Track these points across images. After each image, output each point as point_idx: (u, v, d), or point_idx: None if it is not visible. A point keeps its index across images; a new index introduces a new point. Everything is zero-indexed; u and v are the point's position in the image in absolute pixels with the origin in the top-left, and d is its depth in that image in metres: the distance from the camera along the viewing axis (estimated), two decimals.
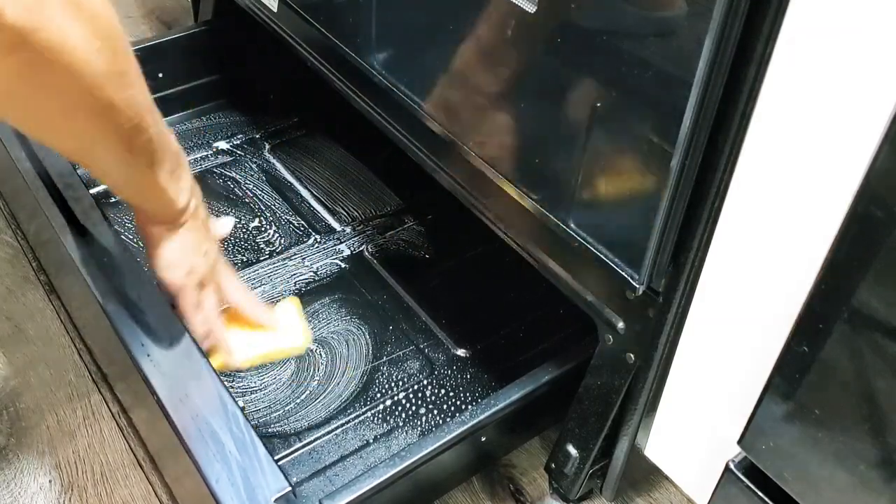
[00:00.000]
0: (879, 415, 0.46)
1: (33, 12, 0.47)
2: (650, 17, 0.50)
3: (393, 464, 0.66)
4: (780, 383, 0.51)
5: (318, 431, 0.77)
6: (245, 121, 1.12)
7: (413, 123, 0.74)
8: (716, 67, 0.47)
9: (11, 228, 1.02)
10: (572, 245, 0.61)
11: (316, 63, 0.86)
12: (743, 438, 0.55)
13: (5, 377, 0.86)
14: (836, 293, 0.46)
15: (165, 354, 0.67)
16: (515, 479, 0.81)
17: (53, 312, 0.93)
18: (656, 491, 0.81)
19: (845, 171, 0.43)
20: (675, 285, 0.58)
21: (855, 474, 0.49)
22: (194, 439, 0.62)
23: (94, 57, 0.51)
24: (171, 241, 0.71)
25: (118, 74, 0.54)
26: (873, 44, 0.40)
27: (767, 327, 0.52)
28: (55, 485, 0.78)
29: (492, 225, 0.72)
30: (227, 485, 0.60)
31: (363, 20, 0.75)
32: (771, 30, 0.45)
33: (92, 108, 0.54)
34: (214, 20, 1.12)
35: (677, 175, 0.51)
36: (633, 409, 0.67)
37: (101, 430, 0.83)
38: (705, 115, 0.49)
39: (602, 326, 0.66)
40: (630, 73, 0.52)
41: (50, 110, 0.54)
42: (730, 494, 0.58)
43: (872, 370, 0.46)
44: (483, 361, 0.84)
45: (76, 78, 0.51)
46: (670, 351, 0.61)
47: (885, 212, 0.42)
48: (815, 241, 0.46)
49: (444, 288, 0.91)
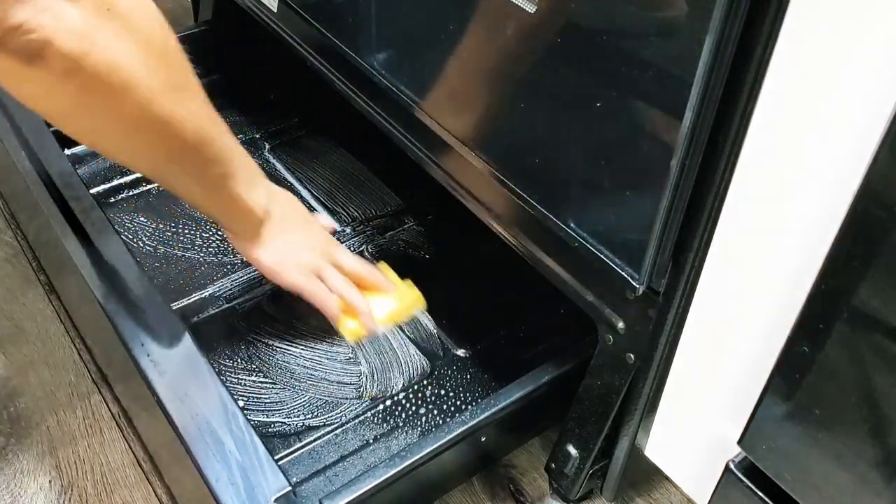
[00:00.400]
0: (879, 415, 0.46)
1: (82, 39, 0.49)
2: (650, 17, 0.50)
3: (393, 464, 0.66)
4: (780, 383, 0.51)
5: (318, 431, 0.77)
6: (245, 121, 1.12)
7: (413, 123, 0.74)
8: (716, 67, 0.47)
9: (11, 228, 1.02)
10: (572, 245, 0.61)
11: (316, 63, 0.86)
12: (743, 438, 0.55)
13: (5, 377, 0.86)
14: (836, 293, 0.46)
15: (165, 354, 0.67)
16: (515, 479, 0.81)
17: (53, 312, 0.93)
18: (656, 491, 0.81)
19: (845, 171, 0.43)
20: (675, 285, 0.58)
21: (855, 474, 0.49)
22: (194, 439, 0.62)
23: (148, 75, 0.53)
24: (265, 251, 0.73)
25: (175, 89, 0.56)
26: (873, 43, 0.40)
27: (767, 327, 0.52)
28: (55, 485, 0.78)
29: (492, 225, 0.72)
30: (227, 484, 0.60)
31: (363, 20, 0.75)
32: (771, 30, 0.45)
33: (153, 125, 0.56)
34: (214, 20, 1.12)
35: (677, 175, 0.51)
36: (633, 409, 0.67)
37: (101, 431, 0.83)
38: (705, 115, 0.49)
39: (602, 326, 0.66)
40: (630, 73, 0.52)
41: (114, 130, 0.56)
42: (730, 494, 0.58)
43: (872, 370, 0.46)
44: (483, 361, 0.84)
45: (131, 96, 0.53)
46: (670, 351, 0.61)
47: (885, 212, 0.42)
48: (815, 241, 0.46)
49: (444, 288, 0.91)
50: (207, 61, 1.11)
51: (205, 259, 0.92)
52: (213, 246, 0.94)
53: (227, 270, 0.91)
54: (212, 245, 0.94)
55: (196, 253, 0.93)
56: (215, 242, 0.94)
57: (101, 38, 0.50)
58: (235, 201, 0.68)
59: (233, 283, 0.90)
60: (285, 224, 0.74)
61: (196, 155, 0.61)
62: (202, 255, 0.93)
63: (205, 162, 0.62)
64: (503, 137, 0.66)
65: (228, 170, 0.65)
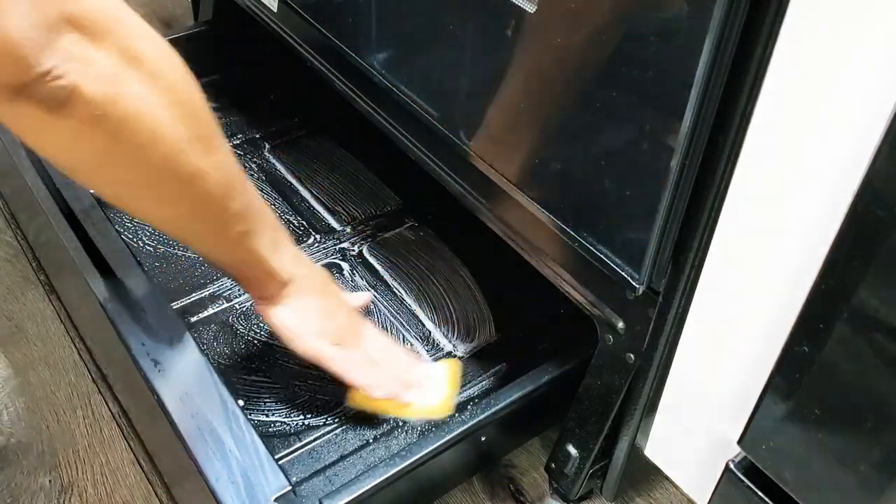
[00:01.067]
0: (879, 415, 0.46)
1: (109, 85, 0.48)
2: (650, 17, 0.50)
3: (393, 464, 0.66)
4: (780, 383, 0.51)
5: (318, 431, 0.77)
6: (245, 121, 1.12)
7: (413, 123, 0.74)
8: (716, 67, 0.47)
9: (11, 228, 1.02)
10: (572, 245, 0.62)
11: (316, 63, 0.86)
12: (743, 438, 0.55)
13: (5, 377, 0.86)
14: (836, 293, 0.46)
15: (165, 353, 0.67)
16: (515, 479, 0.81)
17: (53, 312, 0.93)
18: (656, 491, 0.81)
19: (845, 171, 0.43)
20: (675, 285, 0.58)
21: (855, 474, 0.49)
22: (194, 438, 0.62)
23: (174, 124, 0.52)
24: (282, 312, 0.69)
25: (200, 140, 0.55)
26: (873, 43, 0.40)
27: (767, 327, 0.52)
28: (55, 485, 0.78)
29: (492, 225, 0.72)
30: (227, 483, 0.60)
31: (363, 20, 0.75)
32: (771, 30, 0.45)
33: (177, 176, 0.55)
34: (214, 20, 1.12)
35: (677, 175, 0.51)
36: (633, 409, 0.67)
37: (101, 430, 0.83)
38: (705, 115, 0.49)
39: (602, 326, 0.66)
40: (630, 73, 0.52)
41: (138, 181, 0.55)
42: (730, 494, 0.58)
43: (872, 370, 0.46)
44: (483, 361, 0.84)
45: (157, 146, 0.52)
46: (670, 351, 0.61)
47: (885, 211, 0.42)
48: (815, 241, 0.46)
49: (444, 288, 0.91)
50: (207, 61, 1.11)
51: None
52: None
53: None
54: None
55: (196, 253, 0.93)
56: None
57: (128, 86, 0.49)
58: (258, 261, 0.65)
59: (232, 282, 0.90)
60: (310, 291, 0.70)
61: (220, 209, 0.59)
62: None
63: (228, 217, 0.61)
64: (502, 137, 0.66)
65: (252, 227, 0.63)
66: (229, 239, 0.63)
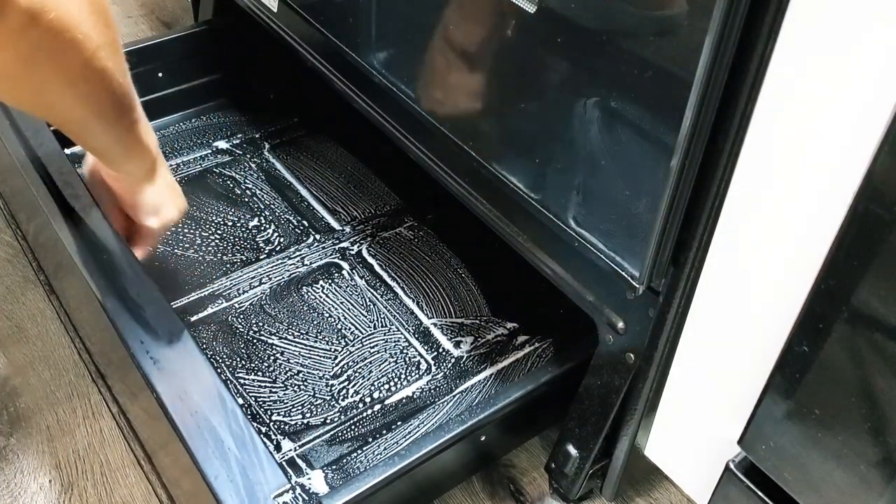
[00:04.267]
0: (879, 415, 0.46)
1: None
2: (650, 17, 0.50)
3: (392, 463, 0.66)
4: (780, 383, 0.51)
5: (317, 431, 0.77)
6: (245, 121, 1.12)
7: (413, 123, 0.74)
8: (716, 67, 0.47)
9: (11, 228, 1.02)
10: (572, 245, 0.62)
11: (316, 63, 0.86)
12: (743, 438, 0.55)
13: (5, 377, 0.86)
14: (836, 293, 0.46)
15: (164, 352, 0.67)
16: (515, 478, 0.81)
17: (53, 312, 0.93)
18: (656, 491, 0.81)
19: (845, 171, 0.43)
20: (675, 285, 0.58)
21: (855, 474, 0.49)
22: (193, 436, 0.62)
23: (93, 30, 0.55)
24: (152, 188, 0.76)
25: (110, 43, 0.58)
26: (873, 43, 0.40)
27: (767, 327, 0.52)
28: (55, 485, 0.78)
29: (492, 225, 0.72)
30: (227, 482, 0.60)
31: (363, 20, 0.75)
32: (771, 30, 0.45)
33: (91, 78, 0.58)
34: (214, 20, 1.12)
35: (677, 175, 0.51)
36: (633, 409, 0.67)
37: (100, 430, 0.83)
38: (705, 115, 0.49)
39: (602, 326, 0.66)
40: (630, 73, 0.52)
41: (55, 85, 0.58)
42: (730, 494, 0.58)
43: (872, 370, 0.46)
44: (483, 361, 0.84)
45: (79, 51, 0.55)
46: (670, 351, 0.61)
47: (885, 211, 0.42)
48: (815, 241, 0.46)
49: (444, 288, 0.91)
50: (207, 61, 1.11)
51: (205, 258, 0.92)
52: (213, 245, 0.94)
53: (226, 269, 0.91)
54: (211, 244, 0.94)
55: (196, 252, 0.93)
56: (215, 242, 0.94)
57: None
58: (139, 143, 0.71)
59: (232, 282, 0.90)
60: (163, 166, 0.78)
61: (119, 105, 0.64)
62: (202, 255, 0.93)
63: (124, 111, 0.65)
64: (502, 137, 0.66)
65: (137, 114, 0.68)
66: (122, 129, 0.68)
